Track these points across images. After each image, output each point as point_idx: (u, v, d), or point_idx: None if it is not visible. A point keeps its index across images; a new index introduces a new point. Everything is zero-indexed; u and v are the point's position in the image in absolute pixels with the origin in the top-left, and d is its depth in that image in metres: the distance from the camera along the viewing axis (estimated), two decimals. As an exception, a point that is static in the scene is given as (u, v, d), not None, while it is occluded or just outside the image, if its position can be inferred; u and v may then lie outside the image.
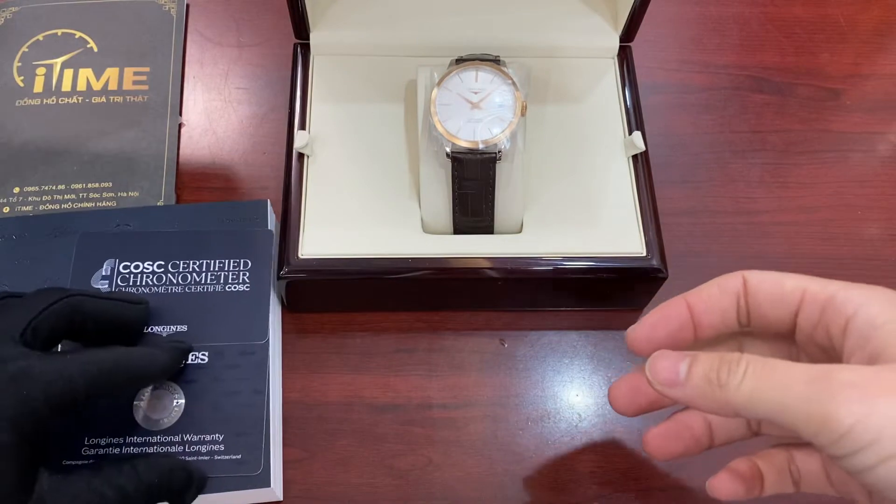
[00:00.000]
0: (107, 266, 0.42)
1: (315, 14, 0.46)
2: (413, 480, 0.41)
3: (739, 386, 0.27)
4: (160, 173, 0.48)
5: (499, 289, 0.43)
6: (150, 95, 0.51)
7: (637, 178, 0.44)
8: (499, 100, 0.41)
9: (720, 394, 0.27)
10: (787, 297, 0.30)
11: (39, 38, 0.53)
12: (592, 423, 0.43)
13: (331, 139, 0.44)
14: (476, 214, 0.42)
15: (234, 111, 0.52)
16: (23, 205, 0.47)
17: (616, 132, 0.46)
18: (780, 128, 0.53)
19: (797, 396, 0.25)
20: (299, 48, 0.47)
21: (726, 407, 0.27)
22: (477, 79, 0.41)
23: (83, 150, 0.49)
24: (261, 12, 0.56)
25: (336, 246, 0.41)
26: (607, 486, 0.41)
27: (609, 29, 0.48)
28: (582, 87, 0.47)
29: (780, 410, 0.26)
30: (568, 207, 0.43)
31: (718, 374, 0.27)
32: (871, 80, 0.55)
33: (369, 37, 0.47)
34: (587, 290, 0.44)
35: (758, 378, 0.26)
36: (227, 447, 0.38)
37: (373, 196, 0.43)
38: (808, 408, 0.25)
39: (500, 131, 0.40)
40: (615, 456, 0.42)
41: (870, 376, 0.25)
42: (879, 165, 0.52)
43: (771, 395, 0.26)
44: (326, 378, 0.43)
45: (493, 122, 0.40)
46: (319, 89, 0.46)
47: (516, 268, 0.41)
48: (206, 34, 0.55)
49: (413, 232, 0.42)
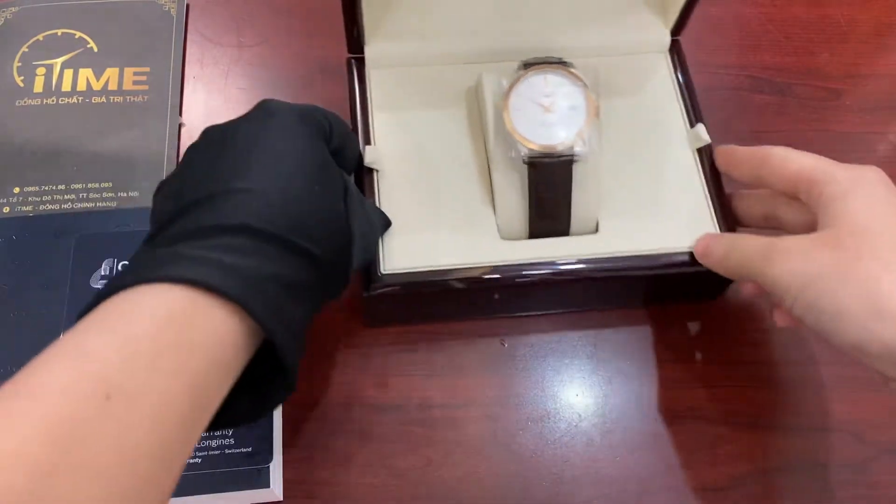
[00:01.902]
0: (105, 266, 0.42)
1: (368, 27, 0.45)
2: (413, 480, 0.41)
3: (730, 256, 0.38)
4: (160, 173, 0.48)
5: (579, 290, 0.43)
6: (150, 95, 0.51)
7: (705, 170, 0.44)
8: (571, 102, 0.41)
9: (724, 264, 0.39)
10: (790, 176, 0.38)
11: (39, 38, 0.53)
12: (592, 423, 0.43)
13: (397, 152, 0.43)
14: (553, 218, 0.41)
15: (235, 111, 0.51)
16: (23, 205, 0.47)
17: (677, 126, 0.45)
18: (780, 128, 0.53)
19: (755, 263, 0.36)
20: (353, 62, 0.46)
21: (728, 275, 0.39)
22: (546, 82, 0.41)
23: (83, 150, 0.49)
24: (261, 12, 0.56)
25: (416, 258, 0.40)
26: (607, 486, 0.41)
27: (658, 23, 0.48)
28: (637, 83, 0.47)
29: (752, 274, 0.36)
30: (640, 205, 0.43)
31: (724, 247, 0.38)
32: (871, 80, 0.55)
33: (423, 47, 0.46)
34: (665, 286, 0.44)
35: (739, 251, 0.37)
36: (236, 441, 0.38)
37: (446, 205, 0.42)
38: (758, 270, 0.36)
39: (576, 133, 0.40)
40: (615, 456, 0.42)
41: (796, 243, 0.34)
42: (879, 165, 0.52)
43: (744, 264, 0.37)
44: (326, 378, 0.43)
45: (568, 124, 0.40)
46: (379, 102, 0.45)
47: (599, 268, 0.41)
48: (206, 34, 0.55)
49: (490, 238, 0.41)
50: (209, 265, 0.27)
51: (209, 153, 0.33)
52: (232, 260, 0.28)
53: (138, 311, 0.26)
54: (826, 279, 0.32)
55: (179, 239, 0.29)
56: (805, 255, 0.34)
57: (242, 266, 0.28)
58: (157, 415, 0.24)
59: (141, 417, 0.24)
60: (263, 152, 0.32)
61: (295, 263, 0.30)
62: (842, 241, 0.33)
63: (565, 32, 0.47)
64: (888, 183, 0.35)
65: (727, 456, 0.42)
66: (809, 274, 0.33)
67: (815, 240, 0.34)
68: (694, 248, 0.41)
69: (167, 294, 0.27)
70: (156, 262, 0.28)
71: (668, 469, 0.42)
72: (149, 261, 0.28)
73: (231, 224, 0.29)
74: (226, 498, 0.38)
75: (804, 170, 0.37)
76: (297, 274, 0.30)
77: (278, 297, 0.29)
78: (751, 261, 0.36)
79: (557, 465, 0.42)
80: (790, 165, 0.38)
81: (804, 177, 0.37)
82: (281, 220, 0.30)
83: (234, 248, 0.28)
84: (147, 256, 0.29)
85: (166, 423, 0.25)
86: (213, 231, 0.29)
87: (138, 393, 0.24)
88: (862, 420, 0.43)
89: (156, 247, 0.29)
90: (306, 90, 0.53)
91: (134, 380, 0.24)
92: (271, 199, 0.30)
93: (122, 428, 0.23)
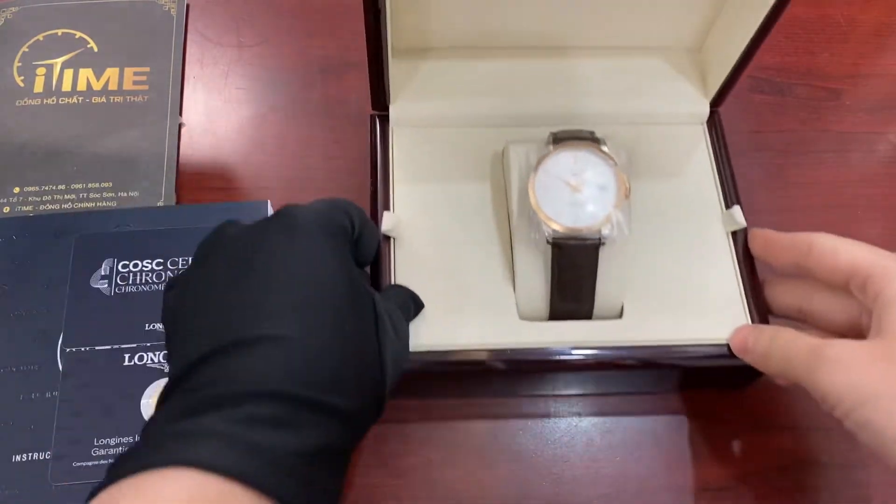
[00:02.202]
0: (105, 266, 0.42)
1: (394, 85, 0.43)
2: (413, 480, 0.41)
3: (773, 354, 0.35)
4: (160, 173, 0.48)
5: (597, 376, 0.41)
6: (150, 95, 0.51)
7: (738, 254, 0.41)
8: (600, 181, 0.38)
9: (765, 363, 0.36)
10: (840, 268, 0.35)
11: (39, 38, 0.53)
12: (592, 423, 0.43)
13: (416, 219, 0.41)
14: (576, 300, 0.39)
15: (234, 111, 0.52)
16: (23, 205, 0.47)
17: (711, 204, 0.43)
18: (780, 128, 0.53)
19: (801, 366, 0.33)
20: (377, 119, 0.44)
21: (771, 373, 0.37)
22: (576, 160, 0.39)
23: (83, 150, 0.49)
24: (261, 12, 0.56)
25: (431, 335, 0.38)
26: (607, 486, 0.41)
27: (698, 94, 0.45)
28: (672, 155, 0.45)
29: (797, 377, 0.34)
30: (667, 290, 0.40)
31: (764, 345, 0.36)
32: (871, 80, 0.55)
33: (451, 107, 0.44)
34: (689, 377, 0.42)
35: (782, 351, 0.35)
36: None
37: (464, 280, 0.40)
38: (805, 375, 0.33)
39: (604, 216, 0.37)
40: (615, 455, 0.42)
41: (849, 352, 0.32)
42: (879, 165, 0.52)
43: (789, 366, 0.34)
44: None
45: (596, 205, 0.38)
46: (401, 165, 0.43)
47: (619, 356, 0.38)
48: (206, 34, 0.55)
49: (508, 318, 0.39)
50: (238, 447, 0.26)
51: (231, 272, 0.30)
52: (262, 437, 0.26)
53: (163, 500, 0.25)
54: (884, 399, 0.30)
55: (204, 406, 0.27)
56: (861, 368, 0.31)
57: (275, 445, 0.26)
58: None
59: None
60: (292, 282, 0.29)
61: (326, 424, 0.28)
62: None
63: (599, 99, 0.45)
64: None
65: (727, 456, 0.42)
66: (865, 391, 0.31)
67: (872, 351, 0.32)
68: (731, 340, 0.38)
69: (196, 480, 0.25)
70: (180, 440, 0.26)
71: (668, 469, 0.42)
72: (173, 438, 0.26)
73: (262, 391, 0.27)
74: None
75: (858, 263, 0.34)
76: (329, 436, 0.28)
77: (310, 473, 0.27)
78: (796, 364, 0.34)
79: (557, 465, 0.42)
80: (841, 257, 0.35)
81: (859, 271, 0.34)
82: (315, 379, 0.28)
83: (265, 421, 0.27)
84: (170, 431, 0.26)
85: None
86: (241, 398, 0.27)
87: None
88: (862, 420, 0.43)
89: (179, 405, 0.27)
90: (306, 90, 0.53)
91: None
92: (304, 353, 0.28)
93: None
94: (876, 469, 0.42)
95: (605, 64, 0.46)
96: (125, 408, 0.39)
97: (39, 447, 0.38)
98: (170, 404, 0.28)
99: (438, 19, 0.44)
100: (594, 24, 0.45)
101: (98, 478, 0.28)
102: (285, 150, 0.51)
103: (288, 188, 0.49)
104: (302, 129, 0.51)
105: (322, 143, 0.51)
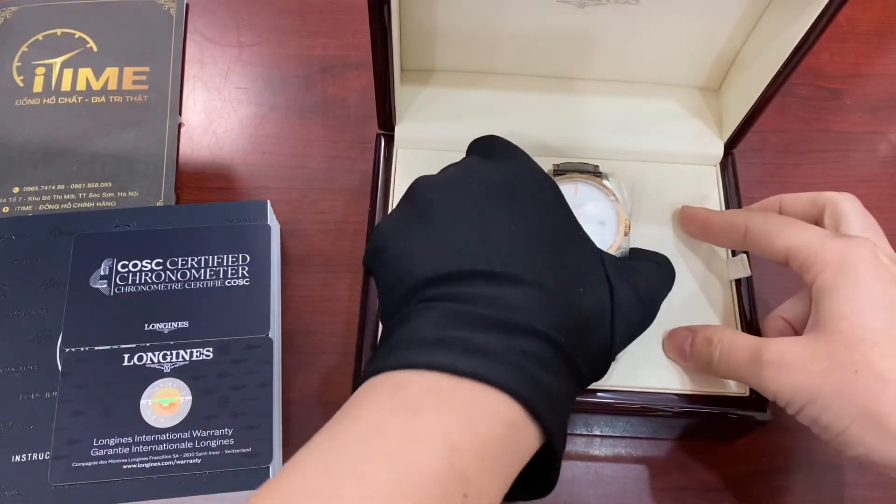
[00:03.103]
0: (105, 266, 0.42)
1: (401, 105, 0.43)
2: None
3: (718, 365, 0.35)
4: (160, 173, 0.48)
5: (587, 418, 0.40)
6: (149, 95, 0.51)
7: (741, 307, 0.40)
8: (601, 217, 0.38)
9: (710, 370, 0.36)
10: (777, 252, 0.35)
11: (39, 37, 0.53)
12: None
13: None
14: None
15: (234, 111, 0.52)
16: (22, 204, 0.47)
17: (716, 251, 0.42)
18: (780, 128, 0.53)
19: (745, 372, 0.34)
20: (382, 139, 0.44)
21: (719, 377, 0.37)
22: (577, 192, 0.38)
23: (83, 149, 0.49)
24: (261, 12, 0.56)
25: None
26: (607, 486, 0.41)
27: (712, 134, 0.44)
28: (681, 196, 0.43)
29: (743, 381, 0.35)
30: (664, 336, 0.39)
31: (706, 353, 0.36)
32: (871, 80, 0.55)
33: (456, 131, 0.43)
34: (682, 427, 0.41)
35: (724, 358, 0.35)
36: (236, 441, 0.38)
37: None
38: (752, 381, 0.34)
39: None
40: (615, 455, 0.42)
41: (787, 353, 0.32)
42: (880, 165, 0.52)
43: (734, 373, 0.35)
44: (327, 378, 0.43)
45: (596, 241, 0.35)
46: (402, 185, 0.41)
47: (606, 402, 0.38)
48: (205, 34, 0.55)
49: None
50: (528, 380, 0.26)
51: (465, 204, 0.31)
52: (541, 376, 0.27)
53: (483, 410, 0.25)
54: (826, 398, 0.30)
55: (481, 323, 0.27)
56: (802, 369, 0.31)
57: (550, 385, 0.27)
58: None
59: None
60: (529, 227, 0.30)
61: (568, 378, 0.29)
62: (835, 352, 0.31)
63: (607, 133, 0.44)
64: (875, 262, 0.32)
65: (727, 456, 0.42)
66: (809, 391, 0.31)
67: (812, 349, 0.31)
68: (666, 347, 0.38)
69: (503, 401, 0.26)
70: (476, 352, 0.26)
71: (668, 469, 0.42)
72: (462, 343, 0.26)
73: (537, 330, 0.27)
74: (226, 498, 0.37)
75: (792, 248, 0.34)
76: (570, 391, 0.29)
77: (564, 416, 0.28)
78: (739, 369, 0.34)
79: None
80: (776, 242, 0.35)
81: (795, 257, 0.34)
82: (568, 335, 0.29)
83: (537, 359, 0.27)
84: (456, 336, 0.27)
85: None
86: (516, 329, 0.27)
87: (481, 497, 0.24)
88: (862, 420, 0.43)
89: (448, 312, 0.28)
90: (306, 90, 0.53)
91: (482, 483, 0.24)
92: (563, 307, 0.29)
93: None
94: (875, 469, 0.42)
95: (617, 97, 0.45)
96: (124, 408, 0.38)
97: (39, 447, 0.38)
98: (435, 311, 0.28)
99: (447, 42, 0.43)
100: (607, 56, 0.44)
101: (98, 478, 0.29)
102: (285, 149, 0.50)
103: (287, 188, 0.49)
104: (302, 129, 0.51)
105: (322, 143, 0.51)
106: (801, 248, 0.34)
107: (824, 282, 0.32)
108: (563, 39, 0.42)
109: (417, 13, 0.41)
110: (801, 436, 0.43)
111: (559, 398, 0.27)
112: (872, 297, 0.31)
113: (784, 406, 0.32)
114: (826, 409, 0.30)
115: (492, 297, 0.28)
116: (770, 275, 0.44)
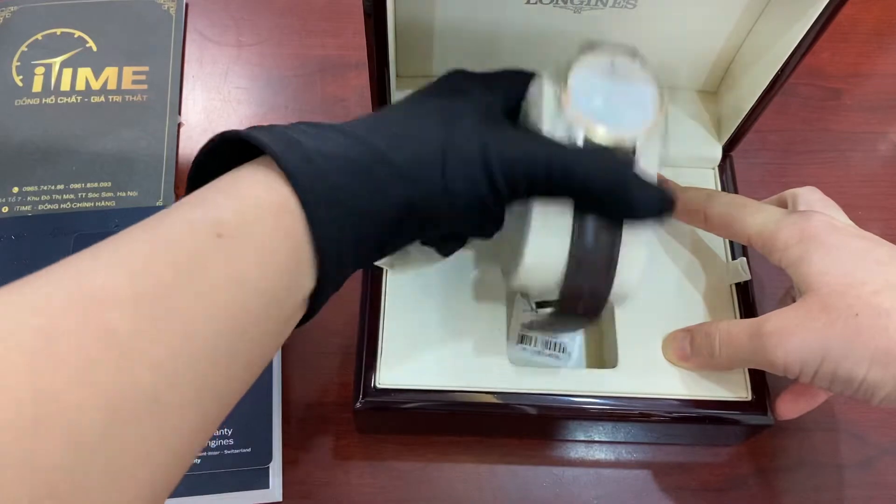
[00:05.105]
0: (106, 266, 0.42)
1: None
2: (413, 480, 0.41)
3: (720, 355, 0.35)
4: (159, 173, 0.48)
5: (588, 425, 0.40)
6: (149, 95, 0.51)
7: (741, 311, 0.40)
8: (636, 94, 0.33)
9: (714, 362, 0.36)
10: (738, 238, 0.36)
11: (38, 37, 0.53)
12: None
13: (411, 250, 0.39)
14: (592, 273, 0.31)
15: (234, 111, 0.52)
16: (22, 204, 0.47)
17: (716, 254, 0.41)
18: (780, 128, 0.53)
19: (749, 351, 0.34)
20: None
21: (723, 370, 0.37)
22: (614, 66, 0.34)
23: (82, 149, 0.49)
24: (260, 12, 0.56)
25: (416, 376, 0.37)
26: (607, 486, 0.41)
27: (710, 137, 0.44)
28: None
29: (750, 363, 0.36)
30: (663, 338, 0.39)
31: (707, 346, 0.36)
32: (871, 79, 0.55)
33: None
34: (683, 431, 0.41)
35: (726, 346, 0.35)
36: (236, 441, 0.38)
37: (456, 322, 0.39)
38: (757, 358, 0.34)
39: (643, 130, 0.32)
40: (615, 456, 0.42)
41: (787, 318, 0.32)
42: (880, 165, 0.52)
43: (738, 357, 0.35)
44: (326, 378, 0.43)
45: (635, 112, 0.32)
46: None
47: (610, 408, 0.37)
48: (205, 33, 0.55)
49: (498, 360, 0.38)
50: (286, 141, 0.27)
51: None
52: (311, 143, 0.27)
53: (243, 177, 0.27)
54: (837, 349, 0.31)
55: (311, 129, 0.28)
56: (805, 328, 0.32)
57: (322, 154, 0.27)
58: (261, 257, 0.25)
59: (248, 254, 0.25)
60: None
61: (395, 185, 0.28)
62: (830, 304, 0.31)
63: None
64: (832, 226, 0.33)
65: (727, 456, 0.42)
66: (818, 347, 0.31)
67: (807, 309, 0.32)
68: (666, 352, 0.38)
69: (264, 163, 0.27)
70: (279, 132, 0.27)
71: (668, 469, 0.42)
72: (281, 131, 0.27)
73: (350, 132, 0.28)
74: (226, 498, 0.37)
75: (751, 234, 0.35)
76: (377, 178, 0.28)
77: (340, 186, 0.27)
78: (744, 352, 0.34)
79: (557, 465, 0.42)
80: (735, 229, 0.36)
81: (755, 243, 0.35)
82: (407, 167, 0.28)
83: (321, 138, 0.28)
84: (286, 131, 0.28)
85: (270, 265, 0.25)
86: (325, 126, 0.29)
87: (245, 235, 0.25)
88: (863, 420, 0.43)
89: None
90: (306, 90, 0.53)
91: (242, 223, 0.25)
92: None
93: (232, 262, 0.24)
94: (876, 469, 0.42)
95: None
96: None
97: (38, 448, 0.38)
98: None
99: (444, 50, 0.43)
100: None
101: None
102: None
103: (287, 188, 0.49)
104: (301, 128, 0.51)
105: (322, 143, 0.51)
106: (760, 232, 0.35)
107: (794, 256, 0.33)
108: (560, 44, 0.42)
109: (414, 21, 0.41)
110: (801, 436, 0.43)
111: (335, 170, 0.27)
112: (844, 251, 0.32)
113: (798, 374, 0.32)
114: (842, 359, 0.31)
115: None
116: (770, 279, 0.44)
